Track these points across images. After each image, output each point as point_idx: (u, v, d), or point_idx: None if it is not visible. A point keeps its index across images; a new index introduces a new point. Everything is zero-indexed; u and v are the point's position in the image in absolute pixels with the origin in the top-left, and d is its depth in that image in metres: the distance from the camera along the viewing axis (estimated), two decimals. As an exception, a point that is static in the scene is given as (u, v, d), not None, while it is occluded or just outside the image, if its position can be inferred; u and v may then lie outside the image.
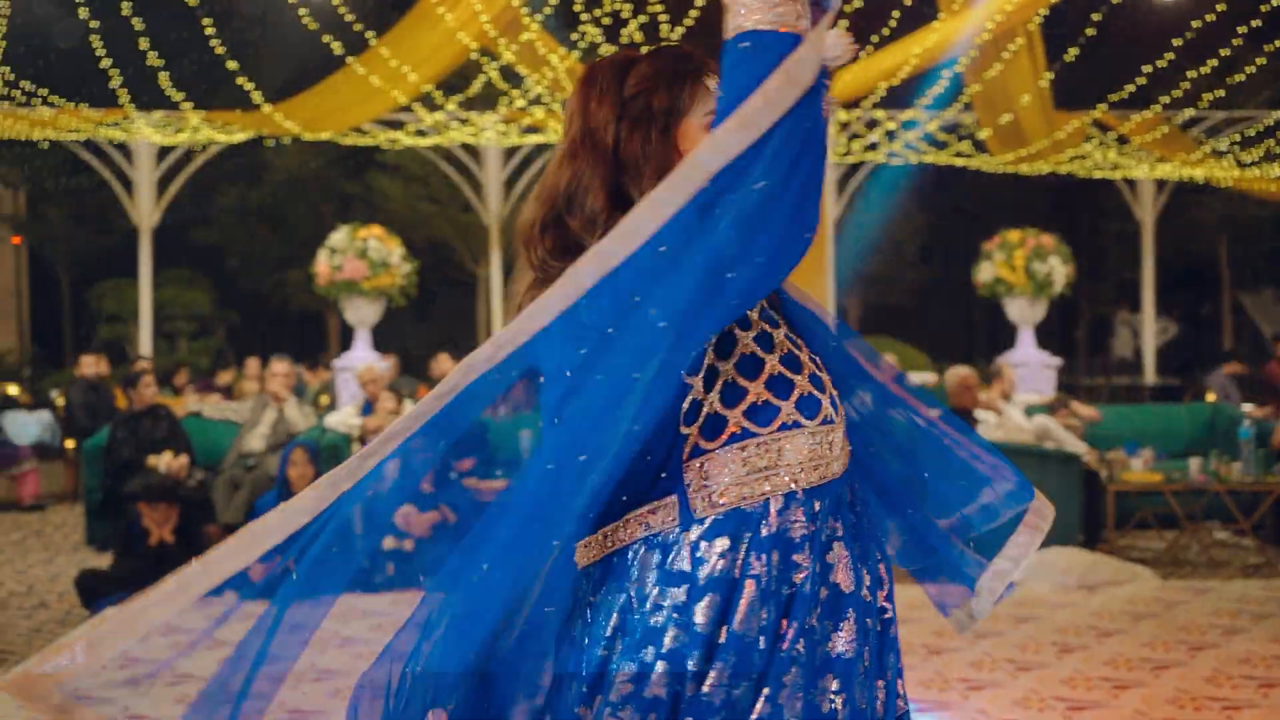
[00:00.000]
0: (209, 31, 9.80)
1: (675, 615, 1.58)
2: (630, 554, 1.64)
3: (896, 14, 9.83)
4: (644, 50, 1.79)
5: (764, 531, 1.62)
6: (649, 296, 1.46)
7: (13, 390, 13.35)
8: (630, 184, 1.67)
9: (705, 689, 1.56)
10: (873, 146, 12.84)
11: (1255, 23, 9.71)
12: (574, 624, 1.69)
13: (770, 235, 1.46)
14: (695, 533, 1.61)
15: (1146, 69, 10.43)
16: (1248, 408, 9.71)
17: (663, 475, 1.62)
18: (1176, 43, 10.02)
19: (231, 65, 10.22)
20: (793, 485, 1.64)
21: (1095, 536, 7.36)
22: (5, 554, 7.97)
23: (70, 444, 10.52)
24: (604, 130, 1.69)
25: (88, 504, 8.16)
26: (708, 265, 1.46)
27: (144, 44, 9.91)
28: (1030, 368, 11.27)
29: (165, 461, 7.73)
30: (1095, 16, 9.66)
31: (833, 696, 1.63)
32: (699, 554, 1.60)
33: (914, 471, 1.92)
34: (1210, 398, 11.50)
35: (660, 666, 1.57)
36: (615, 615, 1.62)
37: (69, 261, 20.51)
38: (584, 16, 9.80)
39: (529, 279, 1.73)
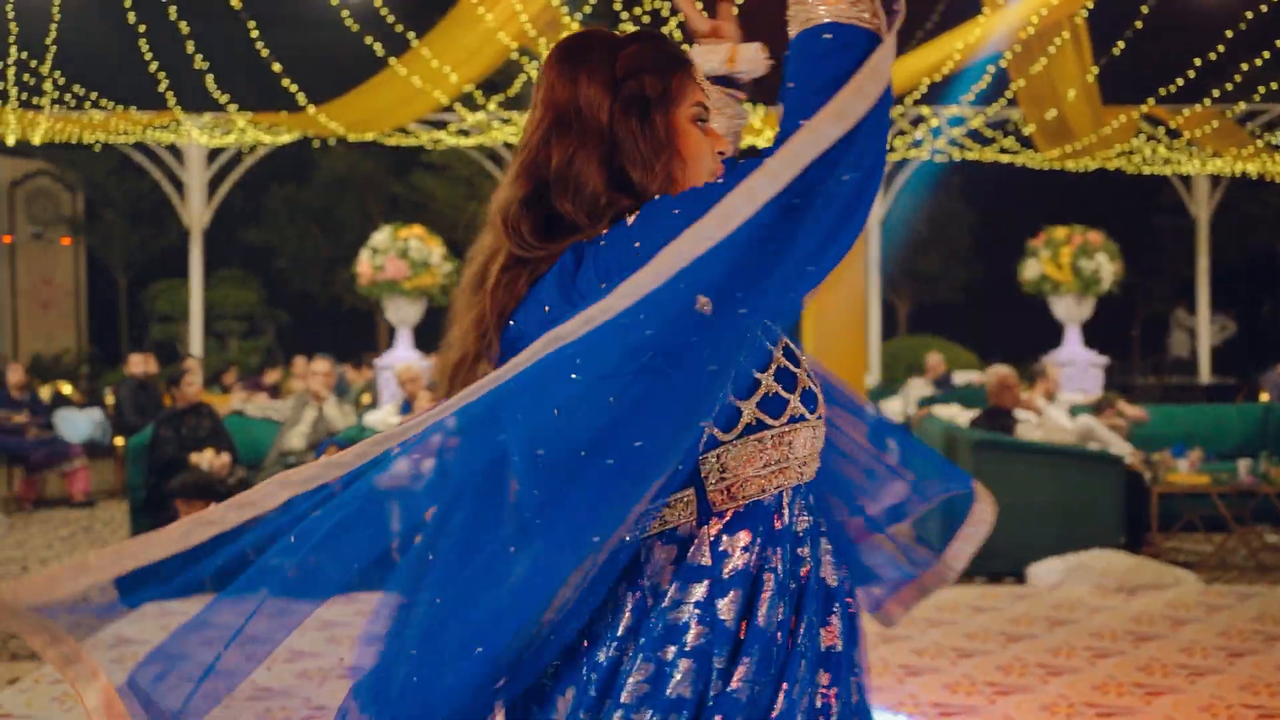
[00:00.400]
0: (254, 34, 9.92)
1: (699, 612, 1.54)
2: (641, 550, 1.59)
3: (940, 8, 9.73)
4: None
5: (778, 525, 1.61)
6: (728, 286, 1.43)
7: (66, 389, 13.61)
8: (629, 166, 1.62)
9: (733, 686, 1.53)
10: (917, 144, 12.71)
11: (1311, 14, 9.49)
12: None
13: (848, 229, 1.46)
14: (715, 527, 1.58)
15: (1197, 62, 10.23)
16: (1302, 408, 9.48)
17: (679, 468, 1.56)
18: (1229, 34, 9.82)
19: (276, 67, 10.36)
20: (799, 479, 1.64)
21: (1138, 539, 7.20)
22: (54, 549, 8.13)
23: (120, 441, 10.70)
24: (596, 109, 1.63)
25: (132, 501, 8.28)
26: (796, 258, 1.44)
27: (190, 47, 10.06)
28: (1077, 367, 11.09)
29: (207, 459, 7.83)
30: (1143, 9, 9.47)
31: (825, 691, 1.62)
32: (721, 548, 1.57)
33: (827, 472, 1.90)
34: (1264, 397, 11.25)
35: (684, 664, 1.53)
36: (628, 614, 1.56)
37: (126, 262, 20.88)
38: (624, 15, 9.80)
39: (500, 259, 1.64)
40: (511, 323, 1.61)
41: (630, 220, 1.55)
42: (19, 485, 10.10)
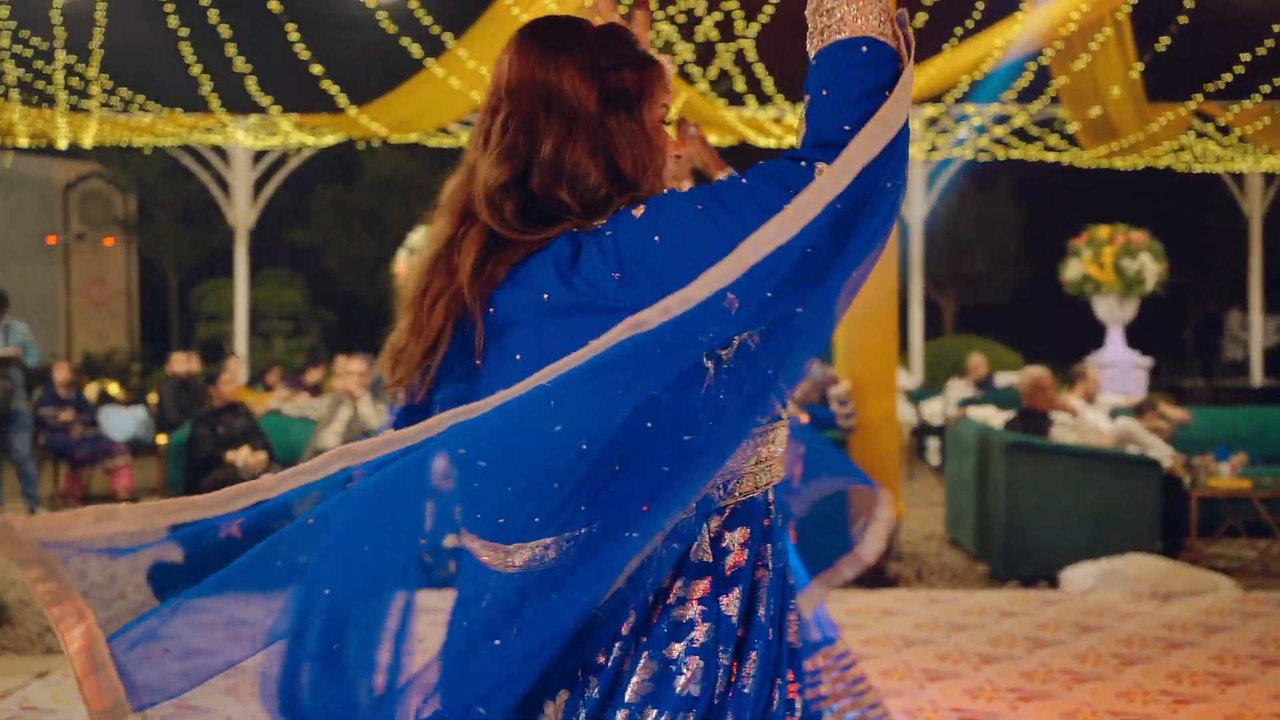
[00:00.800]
0: (294, 37, 10.02)
1: (703, 608, 1.53)
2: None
3: (980, 5, 9.60)
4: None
5: (766, 521, 1.61)
6: (791, 290, 1.44)
7: (112, 388, 13.84)
8: (619, 159, 1.60)
9: (744, 682, 1.53)
10: (959, 142, 12.57)
11: (1363, 6, 9.25)
12: None
13: (884, 235, 1.47)
14: (715, 523, 1.57)
15: (1245, 57, 10.01)
16: (1353, 411, 9.24)
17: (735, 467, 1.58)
18: (1276, 29, 9.60)
19: (316, 69, 10.45)
20: (780, 477, 1.64)
21: (1177, 545, 7.06)
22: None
23: (161, 439, 10.85)
24: (583, 98, 1.60)
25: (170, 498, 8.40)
26: (846, 261, 1.45)
27: (232, 50, 10.18)
28: (1119, 368, 10.90)
29: (243, 457, 7.91)
30: (1188, 4, 9.28)
31: (790, 686, 1.63)
32: (723, 544, 1.57)
33: None
34: (1315, 400, 10.99)
35: (693, 662, 1.52)
36: (632, 613, 1.54)
37: (176, 263, 21.21)
38: (658, 15, 9.77)
39: (474, 243, 1.60)
40: (492, 309, 1.59)
41: (637, 213, 1.52)
42: (64, 481, 10.28)
